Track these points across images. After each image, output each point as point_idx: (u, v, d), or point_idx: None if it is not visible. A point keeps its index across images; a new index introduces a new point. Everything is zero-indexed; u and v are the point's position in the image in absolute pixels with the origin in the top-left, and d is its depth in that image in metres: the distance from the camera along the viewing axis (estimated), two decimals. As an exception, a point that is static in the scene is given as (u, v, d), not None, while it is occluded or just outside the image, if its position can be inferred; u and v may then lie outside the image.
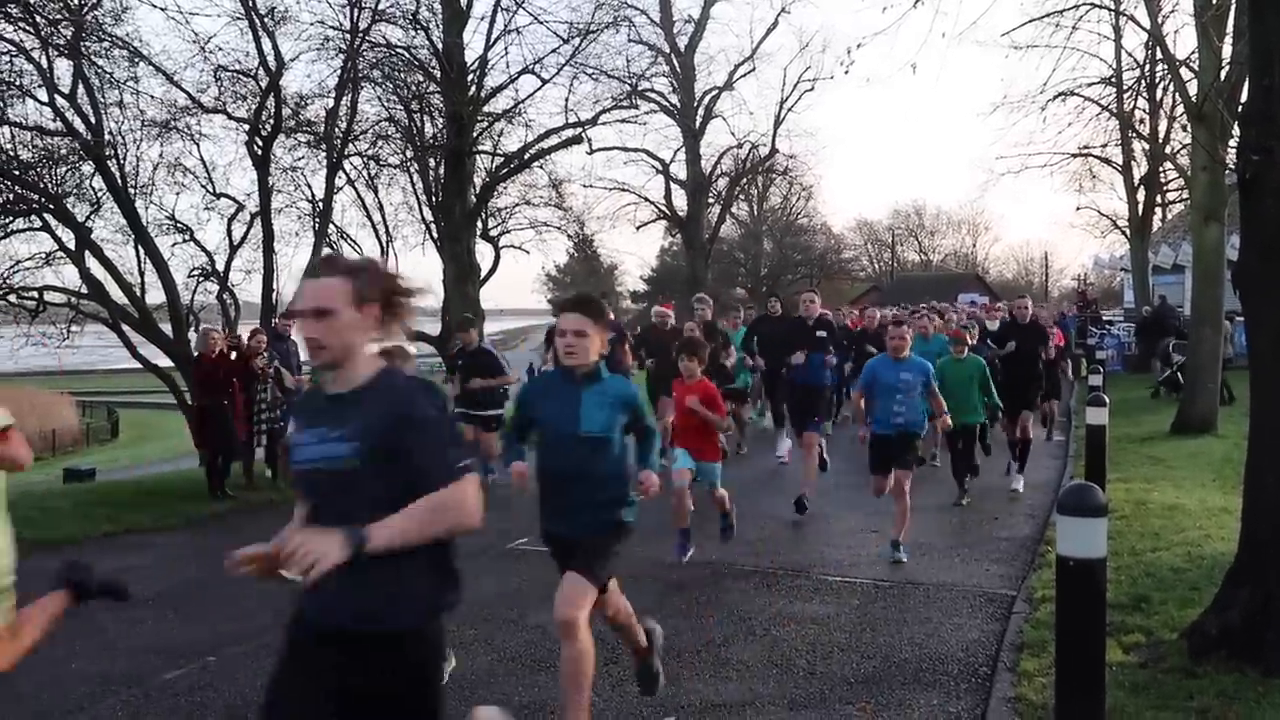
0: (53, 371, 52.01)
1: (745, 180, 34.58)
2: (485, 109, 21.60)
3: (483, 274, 22.70)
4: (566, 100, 22.47)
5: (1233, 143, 15.53)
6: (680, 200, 30.67)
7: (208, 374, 12.32)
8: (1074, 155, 28.48)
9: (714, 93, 29.53)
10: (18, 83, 17.67)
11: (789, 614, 7.03)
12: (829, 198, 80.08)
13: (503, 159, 22.47)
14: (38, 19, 16.94)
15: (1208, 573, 7.23)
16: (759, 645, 6.35)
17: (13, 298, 19.34)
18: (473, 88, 20.86)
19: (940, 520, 10.30)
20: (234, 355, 12.65)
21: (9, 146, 18.07)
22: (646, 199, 30.01)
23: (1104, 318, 36.14)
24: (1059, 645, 4.42)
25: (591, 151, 25.34)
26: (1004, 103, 22.97)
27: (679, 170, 30.21)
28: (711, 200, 32.03)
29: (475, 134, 21.36)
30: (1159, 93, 26.44)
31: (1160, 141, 27.19)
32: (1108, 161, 29.36)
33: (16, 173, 17.74)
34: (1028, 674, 5.60)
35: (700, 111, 29.60)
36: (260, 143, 19.36)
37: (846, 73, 27.62)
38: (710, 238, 31.98)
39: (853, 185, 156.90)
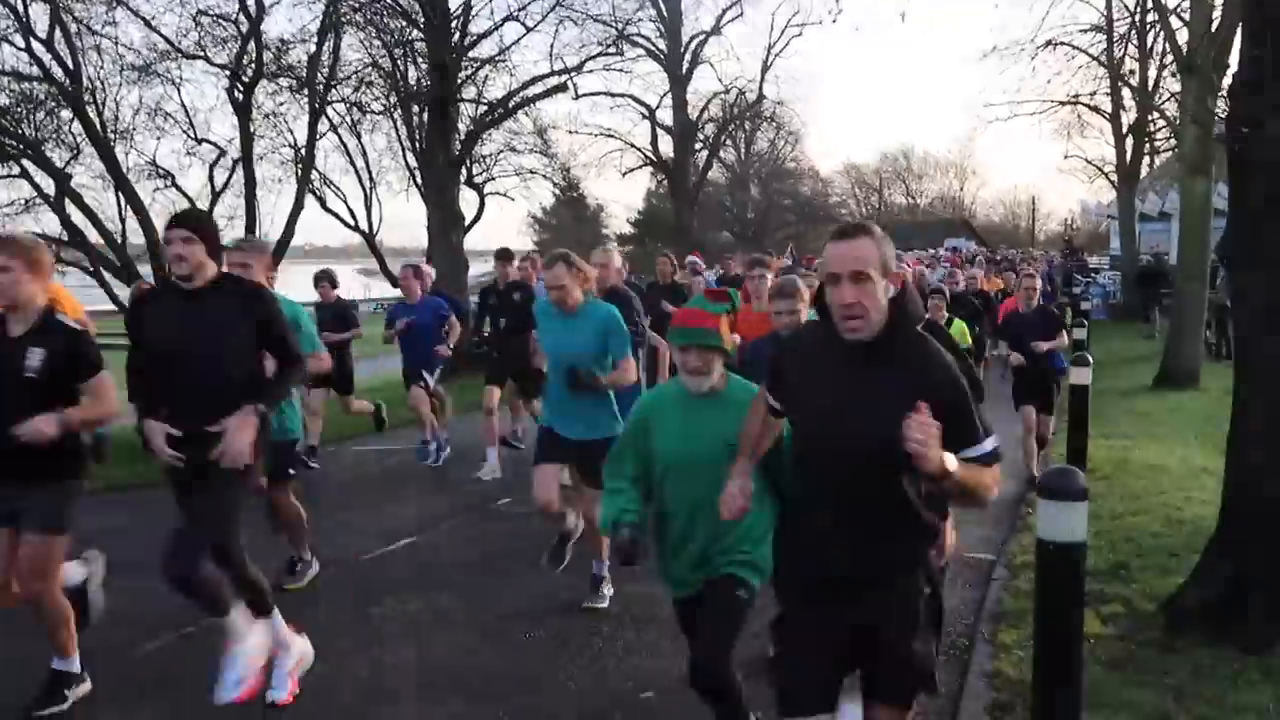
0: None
1: (732, 126, 34.29)
2: (469, 56, 21.32)
3: (467, 221, 22.53)
4: (551, 47, 22.21)
5: (1223, 94, 15.51)
6: (666, 146, 30.47)
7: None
8: (1063, 103, 28.33)
9: (701, 37, 29.27)
10: (-9, 28, 17.41)
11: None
12: (817, 141, 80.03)
13: (487, 107, 22.22)
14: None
15: (1187, 539, 7.27)
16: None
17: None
18: (456, 34, 20.57)
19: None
20: None
21: (-16, 92, 17.83)
22: (633, 145, 29.82)
23: (1090, 265, 36.16)
24: (1037, 629, 4.44)
25: (577, 97, 25.14)
26: (994, 51, 22.74)
27: (665, 116, 30.00)
28: (699, 146, 31.79)
29: (459, 82, 21.10)
30: (1149, 39, 26.24)
31: (1150, 90, 27.04)
32: (1096, 110, 29.20)
33: (-6, 119, 17.51)
34: (1005, 647, 5.63)
35: (687, 57, 29.30)
36: (241, 89, 19.09)
37: (834, 21, 27.40)
38: (696, 184, 31.79)
39: (841, 128, 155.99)
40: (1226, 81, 13.43)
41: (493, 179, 24.32)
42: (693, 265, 14.51)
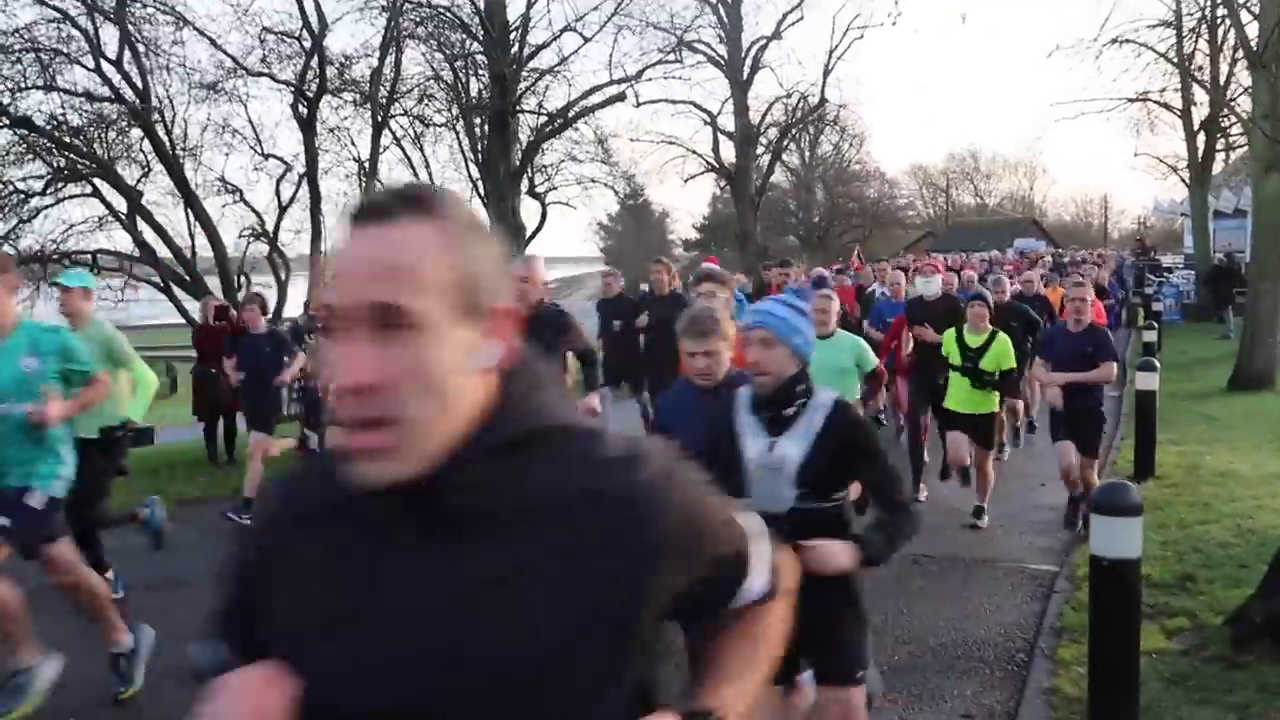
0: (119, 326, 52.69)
1: (795, 130, 34.13)
2: (529, 67, 21.50)
3: (530, 231, 22.69)
4: (610, 56, 22.28)
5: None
6: (728, 152, 30.41)
7: (199, 341, 12.49)
8: (1131, 100, 27.78)
9: (762, 42, 29.11)
10: (65, 50, 17.88)
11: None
12: (883, 143, 79.29)
13: (547, 117, 22.36)
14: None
15: (1257, 549, 7.09)
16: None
17: (66, 261, 19.63)
18: (515, 45, 20.74)
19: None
20: (224, 324, 12.47)
21: (60, 113, 18.32)
22: (694, 152, 29.78)
23: (1163, 264, 35.45)
24: (1092, 645, 4.36)
25: (639, 104, 25.17)
26: (1058, 50, 22.37)
27: (726, 123, 29.93)
28: (760, 151, 31.69)
29: (518, 93, 21.27)
30: (1220, 34, 25.66)
31: (1221, 85, 26.44)
32: (1167, 106, 28.61)
33: (67, 139, 17.97)
34: (1065, 663, 5.51)
35: (748, 62, 29.21)
36: (305, 104, 19.43)
37: (894, 24, 27.13)
38: (759, 189, 31.67)
39: (908, 130, 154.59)
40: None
41: (554, 188, 24.50)
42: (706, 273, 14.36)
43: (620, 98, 21.82)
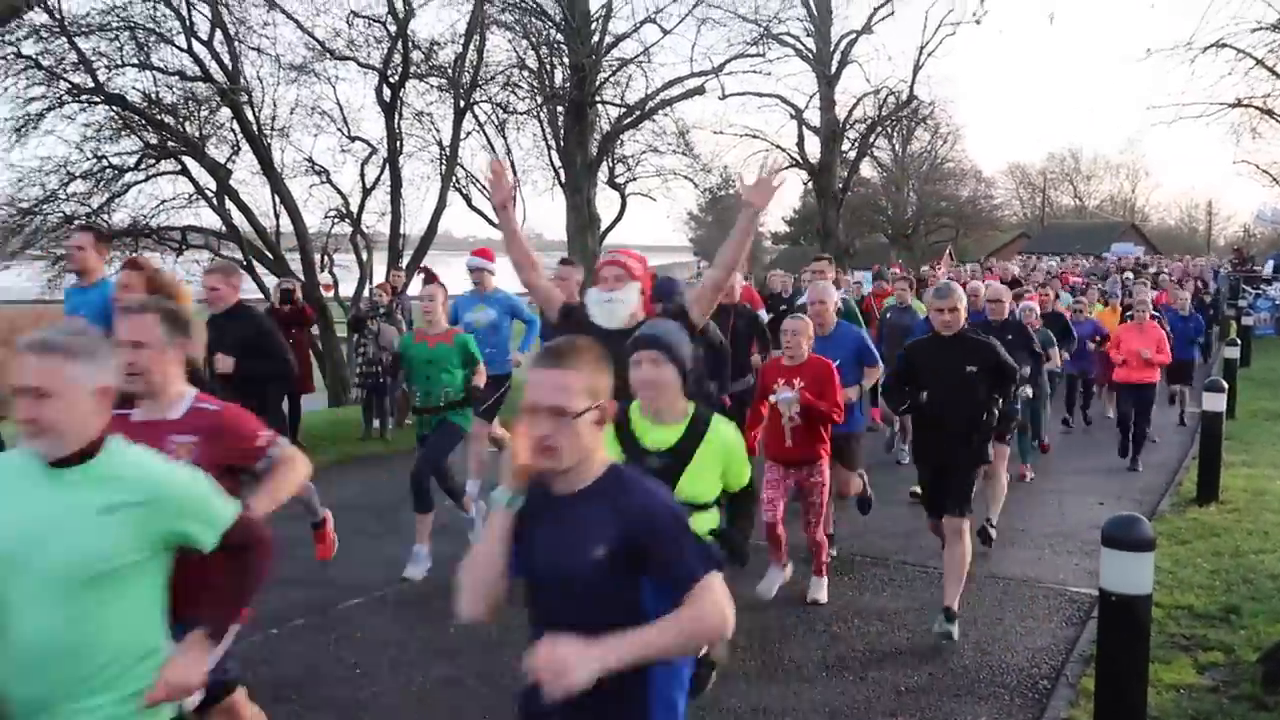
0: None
1: (883, 127, 33.66)
2: (610, 57, 21.50)
3: (606, 223, 22.72)
4: (692, 48, 22.21)
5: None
6: (813, 147, 30.09)
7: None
8: (1231, 106, 26.86)
9: (851, 36, 28.72)
10: (159, 29, 18.30)
11: (855, 608, 6.86)
12: (980, 141, 77.75)
13: (625, 109, 22.35)
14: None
15: (1312, 584, 6.85)
16: (815, 643, 6.21)
17: (156, 237, 20.13)
18: (596, 35, 20.75)
19: (1041, 503, 9.92)
20: (288, 308, 12.41)
21: (153, 91, 18.77)
22: (778, 146, 29.50)
23: (1262, 276, 34.29)
24: (1098, 682, 4.24)
25: (724, 97, 25.01)
26: (1150, 54, 21.72)
27: (812, 117, 29.59)
28: (846, 148, 31.31)
29: (598, 84, 21.29)
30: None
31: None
32: (1270, 113, 27.63)
33: (159, 117, 18.42)
34: (1087, 693, 5.35)
35: (836, 56, 28.85)
36: (389, 88, 19.66)
37: (978, 23, 26.58)
38: (843, 186, 31.31)
39: (1006, 128, 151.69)
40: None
41: (634, 179, 24.48)
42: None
43: (700, 91, 21.73)
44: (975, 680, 5.70)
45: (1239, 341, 16.19)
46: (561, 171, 22.75)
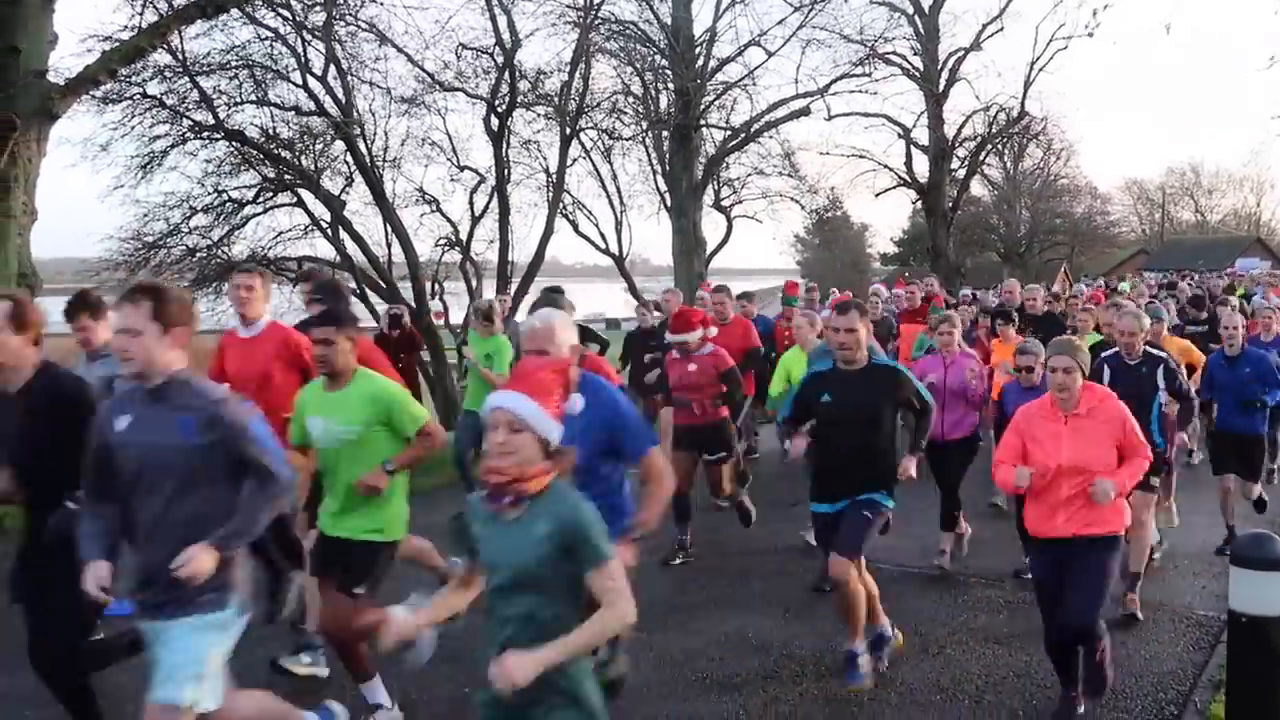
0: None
1: (994, 144, 33.15)
2: (715, 81, 21.57)
3: (712, 246, 22.74)
4: (797, 70, 22.15)
5: None
6: (921, 166, 29.77)
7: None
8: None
9: (959, 54, 28.37)
10: (276, 67, 18.91)
11: (970, 629, 6.69)
12: (1095, 157, 76.01)
13: (730, 132, 22.37)
14: (294, 5, 17.99)
15: None
16: (929, 665, 6.07)
17: (274, 268, 20.72)
18: (700, 59, 20.84)
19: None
20: (397, 332, 12.52)
21: (270, 126, 19.38)
22: (886, 165, 29.28)
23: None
24: (1228, 709, 4.07)
25: (830, 118, 24.90)
26: (1275, 61, 21.05)
27: (920, 136, 29.30)
28: (956, 166, 30.90)
29: (702, 107, 21.36)
30: None
31: None
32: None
33: (276, 151, 19.00)
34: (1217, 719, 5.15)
35: (944, 74, 28.53)
36: (496, 118, 19.98)
37: (1091, 35, 26.03)
38: (953, 205, 30.88)
39: (1123, 142, 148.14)
40: None
41: (740, 202, 24.46)
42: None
43: (805, 112, 21.66)
44: (1099, 706, 5.50)
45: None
46: (667, 195, 22.86)
